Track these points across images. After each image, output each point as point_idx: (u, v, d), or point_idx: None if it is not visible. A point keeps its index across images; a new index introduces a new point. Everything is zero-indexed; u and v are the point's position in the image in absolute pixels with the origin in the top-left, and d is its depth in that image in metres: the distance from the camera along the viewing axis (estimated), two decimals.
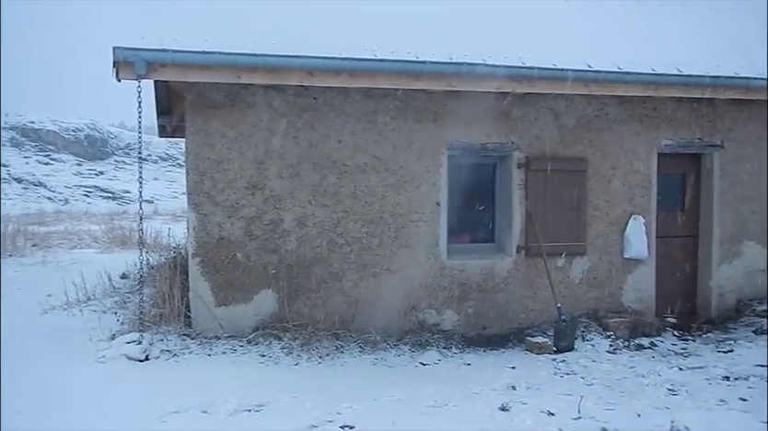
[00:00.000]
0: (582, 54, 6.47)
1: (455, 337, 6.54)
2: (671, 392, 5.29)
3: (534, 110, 6.89)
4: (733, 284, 7.65)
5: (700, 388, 5.40)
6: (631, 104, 7.13)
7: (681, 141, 7.40)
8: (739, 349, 6.54)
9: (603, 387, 5.39)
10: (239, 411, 4.50)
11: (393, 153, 6.52)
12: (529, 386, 5.34)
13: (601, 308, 7.11)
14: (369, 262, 6.49)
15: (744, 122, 7.58)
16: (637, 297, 7.30)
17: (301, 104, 6.29)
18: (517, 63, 6.17)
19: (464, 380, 5.45)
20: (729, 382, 5.56)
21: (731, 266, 7.64)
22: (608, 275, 7.20)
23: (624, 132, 7.19)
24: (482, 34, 6.50)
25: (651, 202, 7.33)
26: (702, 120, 7.43)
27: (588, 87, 6.50)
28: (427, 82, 6.13)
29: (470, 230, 7.09)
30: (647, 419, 4.60)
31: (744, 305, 7.57)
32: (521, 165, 6.87)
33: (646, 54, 6.73)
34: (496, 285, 6.84)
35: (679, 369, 5.90)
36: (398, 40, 6.08)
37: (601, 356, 6.27)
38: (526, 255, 6.91)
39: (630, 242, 7.16)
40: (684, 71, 6.65)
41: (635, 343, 6.61)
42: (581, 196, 7.03)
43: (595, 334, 6.71)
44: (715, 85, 6.77)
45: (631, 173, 7.24)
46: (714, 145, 7.50)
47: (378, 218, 6.51)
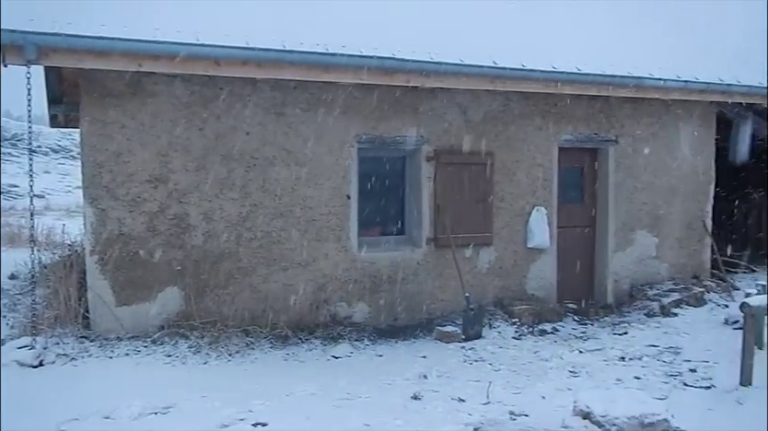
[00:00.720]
0: (488, 51, 6.64)
1: (367, 329, 6.56)
2: (573, 374, 5.56)
3: (443, 105, 7.01)
4: (627, 270, 8.14)
5: (599, 369, 5.71)
6: (534, 100, 7.41)
7: (580, 136, 7.78)
8: (633, 331, 6.97)
9: (510, 372, 5.59)
10: (145, 414, 4.29)
11: (303, 146, 6.43)
12: (439, 374, 5.44)
13: (507, 297, 7.36)
14: (279, 256, 6.38)
15: (637, 118, 8.07)
16: (540, 284, 7.62)
17: (207, 94, 6.07)
18: (425, 58, 6.24)
19: (376, 372, 5.48)
20: (625, 362, 5.91)
21: (625, 254, 8.12)
22: (513, 265, 7.47)
23: (528, 126, 7.46)
24: (393, 28, 6.52)
25: (552, 194, 7.66)
26: (598, 116, 7.85)
27: (494, 83, 6.69)
28: (337, 75, 6.08)
29: (380, 223, 7.13)
30: (552, 401, 4.81)
31: (637, 290, 8.08)
32: (430, 158, 6.98)
33: (549, 52, 7.00)
34: (407, 276, 6.92)
35: (579, 352, 6.21)
36: (309, 31, 5.98)
37: (508, 343, 6.50)
38: (435, 247, 7.03)
39: (533, 232, 7.45)
40: (583, 69, 6.98)
41: (539, 329, 6.90)
42: (488, 189, 7.24)
43: (501, 322, 6.94)
44: (610, 83, 7.15)
45: (534, 167, 7.53)
46: (609, 140, 7.93)
47: (287, 212, 6.40)
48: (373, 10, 6.74)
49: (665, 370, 5.65)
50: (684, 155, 8.42)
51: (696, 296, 7.85)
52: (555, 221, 7.69)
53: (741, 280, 9.03)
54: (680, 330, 6.98)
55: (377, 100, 6.67)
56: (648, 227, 8.24)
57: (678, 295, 7.79)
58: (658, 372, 5.60)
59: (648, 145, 8.16)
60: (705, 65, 7.93)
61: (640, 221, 8.19)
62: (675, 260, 8.44)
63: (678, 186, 8.40)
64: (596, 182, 8.14)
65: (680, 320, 7.34)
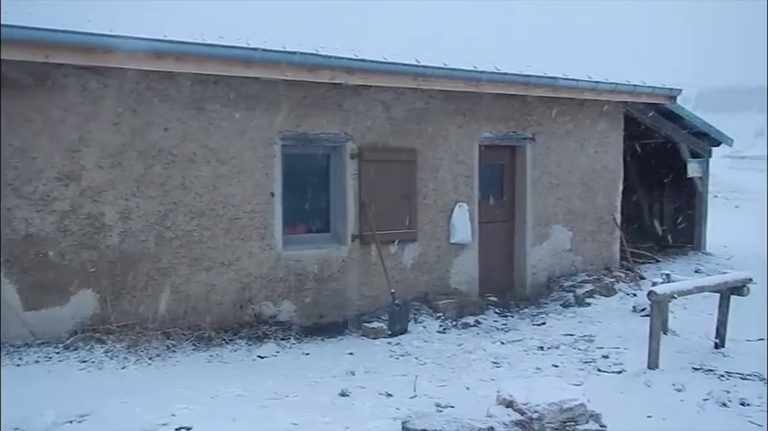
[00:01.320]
0: (412, 50, 6.72)
1: (293, 328, 6.50)
2: (495, 365, 5.73)
3: (367, 102, 7.04)
4: (544, 263, 8.48)
5: (519, 358, 5.91)
6: (456, 98, 7.57)
7: (499, 134, 8.02)
8: (551, 321, 7.27)
9: (435, 365, 5.69)
10: (59, 424, 4.05)
11: (225, 142, 6.28)
12: (367, 370, 5.47)
13: (431, 291, 7.49)
14: (201, 255, 6.21)
15: (552, 117, 8.41)
16: (463, 278, 7.80)
17: (121, 88, 5.81)
18: (349, 55, 6.25)
19: (304, 370, 5.44)
20: (543, 352, 6.16)
21: (542, 248, 8.46)
22: (437, 260, 7.61)
23: (450, 124, 7.62)
24: (317, 25, 6.49)
25: (474, 190, 7.86)
26: (516, 115, 8.12)
27: (416, 81, 6.79)
28: (260, 70, 5.98)
29: (305, 220, 7.08)
30: (476, 391, 4.94)
31: (553, 282, 8.43)
32: (354, 155, 6.99)
33: (470, 52, 7.17)
34: (333, 274, 6.91)
35: (501, 343, 6.41)
36: (231, 24, 5.85)
37: (433, 337, 6.62)
38: (361, 243, 7.05)
39: (456, 228, 7.62)
40: (501, 69, 7.20)
41: (462, 322, 7.07)
42: (412, 185, 7.33)
43: (426, 316, 7.06)
44: (526, 83, 7.42)
45: (456, 164, 7.70)
46: (527, 137, 8.23)
47: (209, 210, 6.24)
48: (298, 6, 6.67)
49: (580, 357, 5.92)
50: (595, 152, 8.86)
51: (607, 286, 8.29)
52: (477, 217, 7.89)
53: (647, 270, 9.62)
54: (594, 318, 7.35)
55: (301, 97, 6.61)
56: (563, 221, 8.61)
57: (591, 285, 8.20)
58: (574, 359, 5.86)
59: (563, 143, 8.52)
60: (614, 67, 8.37)
61: (556, 216, 8.55)
62: (588, 252, 8.87)
63: (590, 182, 8.83)
64: (515, 179, 8.42)
65: (593, 310, 7.73)
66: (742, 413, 4.60)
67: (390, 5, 7.61)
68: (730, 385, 5.10)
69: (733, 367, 5.48)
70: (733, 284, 5.98)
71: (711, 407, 4.71)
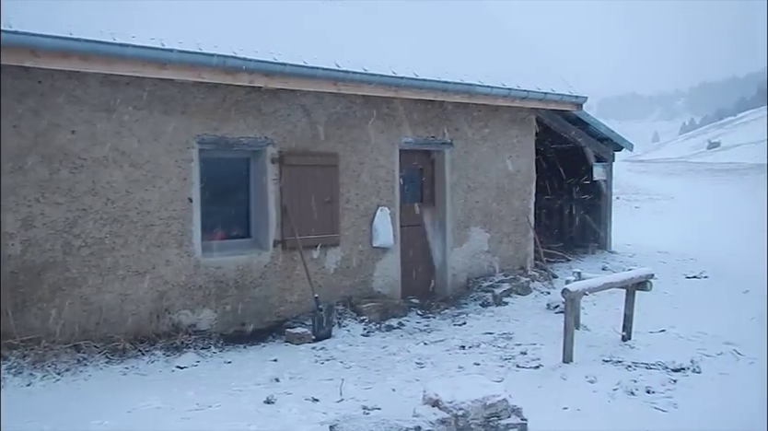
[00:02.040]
0: (332, 54, 6.73)
1: (213, 336, 6.32)
2: (419, 365, 5.82)
3: (287, 106, 6.97)
4: (464, 264, 8.69)
5: (442, 358, 6.03)
6: (376, 103, 7.64)
7: (419, 139, 8.16)
8: (471, 321, 7.46)
9: (361, 368, 5.71)
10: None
11: (139, 146, 6.04)
12: (292, 376, 5.41)
13: (355, 295, 7.50)
14: (114, 264, 5.93)
15: (469, 123, 8.64)
16: (386, 282, 7.87)
17: (22, 88, 5.46)
18: (268, 58, 6.17)
19: (226, 379, 5.31)
20: (465, 351, 6.31)
21: (461, 249, 8.67)
22: (360, 264, 7.63)
23: (371, 129, 7.67)
24: (236, 27, 6.36)
25: (395, 194, 7.95)
26: (435, 120, 8.29)
27: (337, 86, 6.80)
28: (175, 72, 5.80)
29: (225, 226, 6.91)
30: (402, 392, 5.00)
31: (473, 282, 8.66)
32: (275, 160, 6.91)
33: (389, 58, 7.26)
34: (254, 280, 6.78)
35: (424, 344, 6.52)
36: (144, 25, 5.63)
37: (357, 340, 6.63)
38: (283, 249, 6.97)
39: (378, 232, 7.68)
40: (420, 75, 7.33)
41: (386, 325, 7.13)
42: (334, 190, 7.32)
43: (350, 320, 7.06)
44: (444, 89, 7.60)
45: (377, 168, 7.76)
46: (445, 142, 8.41)
47: (122, 216, 5.97)
48: (217, 8, 6.53)
49: (500, 355, 6.12)
50: (510, 157, 9.18)
51: (523, 285, 8.61)
52: (398, 220, 7.98)
53: (559, 269, 10.07)
54: (511, 317, 7.61)
55: (219, 100, 6.46)
56: (481, 223, 8.87)
57: (508, 285, 8.48)
58: (495, 357, 6.05)
59: (479, 148, 8.78)
60: (526, 75, 8.72)
61: (474, 218, 8.78)
62: (505, 253, 9.17)
63: (505, 185, 9.14)
64: (434, 183, 8.58)
65: (510, 308, 8.00)
66: (648, 400, 4.91)
67: (315, 9, 7.58)
68: (637, 374, 5.43)
69: (639, 358, 5.84)
70: (638, 280, 6.37)
71: (620, 396, 4.99)
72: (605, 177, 12.18)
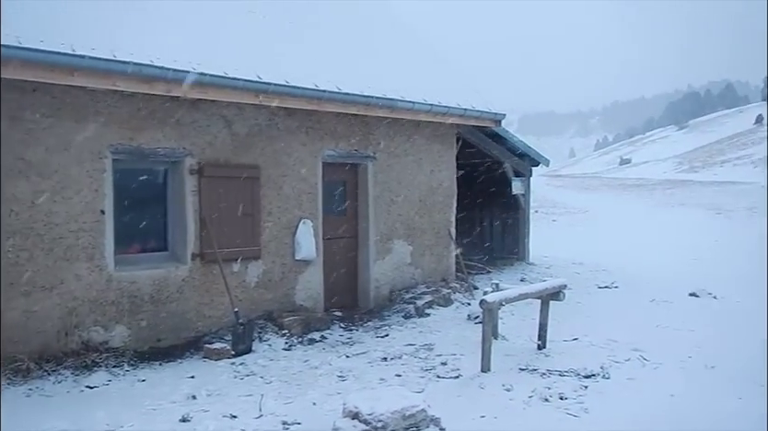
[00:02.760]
0: (254, 66, 6.66)
1: (127, 354, 6.07)
2: (341, 378, 5.80)
3: (207, 117, 6.84)
4: (386, 277, 8.76)
5: (364, 371, 6.04)
6: (299, 116, 7.61)
7: (342, 152, 8.19)
8: (393, 333, 7.52)
9: (281, 383, 5.64)
10: None
11: (46, 155, 5.76)
12: (209, 393, 5.27)
13: (276, 309, 7.41)
14: (17, 279, 5.60)
15: (392, 137, 8.76)
16: (308, 295, 7.82)
17: None
18: (187, 67, 6.05)
19: (140, 398, 5.11)
20: (387, 362, 6.35)
21: (384, 262, 8.74)
22: (281, 277, 7.55)
23: (293, 141, 7.64)
24: (155, 35, 6.18)
25: (318, 207, 7.93)
26: (358, 133, 8.35)
27: (258, 98, 6.73)
28: (87, 79, 5.57)
29: (141, 239, 6.68)
30: (322, 406, 4.97)
31: (395, 294, 8.74)
32: (194, 171, 6.75)
33: (312, 71, 7.27)
34: (171, 294, 6.58)
35: (346, 357, 6.51)
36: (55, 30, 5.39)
37: (278, 354, 6.55)
38: (201, 262, 6.80)
39: (300, 245, 7.63)
40: (343, 89, 7.38)
41: (308, 338, 7.07)
42: (255, 202, 7.23)
43: (272, 334, 6.97)
44: (367, 103, 7.68)
45: (300, 180, 7.73)
46: (368, 156, 8.49)
47: (27, 229, 5.66)
48: (136, 16, 6.33)
49: (421, 366, 6.19)
50: (432, 171, 9.37)
51: (445, 296, 8.76)
52: (321, 233, 7.97)
53: (480, 280, 10.32)
54: (433, 328, 7.72)
55: (135, 109, 6.26)
56: (404, 236, 8.98)
57: (430, 296, 8.61)
58: (416, 368, 6.12)
59: (402, 162, 8.91)
60: (448, 92, 8.94)
61: (397, 231, 8.89)
62: (426, 265, 9.32)
63: (427, 199, 9.31)
64: (358, 196, 8.63)
65: (432, 320, 8.13)
66: (561, 406, 5.09)
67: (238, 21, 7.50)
68: (551, 382, 5.63)
69: (553, 366, 6.06)
70: (551, 290, 6.62)
71: (535, 403, 5.15)
72: (523, 191, 12.62)
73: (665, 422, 4.77)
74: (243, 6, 7.80)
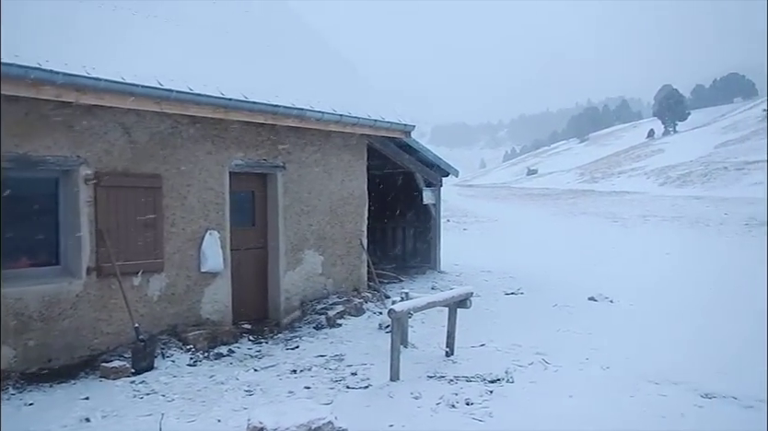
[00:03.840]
0: (155, 72, 6.42)
1: (12, 376, 5.64)
2: (248, 393, 5.66)
3: (104, 124, 6.51)
4: (297, 288, 8.64)
5: (272, 384, 5.92)
6: (204, 124, 7.39)
7: (250, 161, 8.03)
8: (304, 344, 7.42)
9: (185, 400, 5.42)
10: None
11: None
12: (105, 414, 4.99)
13: (181, 323, 7.13)
14: None
15: (302, 146, 8.68)
16: (215, 308, 7.58)
17: None
18: (80, 71, 5.73)
19: (27, 423, 4.77)
20: (296, 375, 6.25)
21: (295, 272, 8.62)
22: (186, 290, 7.28)
23: (198, 150, 7.41)
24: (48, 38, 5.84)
25: (225, 217, 7.72)
26: (267, 143, 8.21)
27: (160, 105, 6.49)
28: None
29: (28, 253, 6.23)
30: (227, 422, 4.83)
31: (307, 305, 8.64)
32: (90, 181, 6.39)
33: (218, 79, 7.09)
34: (64, 311, 6.18)
35: (254, 371, 6.36)
36: None
37: (182, 371, 6.30)
38: (98, 276, 6.44)
39: (206, 256, 7.39)
40: (250, 98, 7.24)
41: (215, 353, 6.85)
42: (157, 213, 6.94)
43: (175, 350, 6.70)
44: (275, 113, 7.57)
45: (205, 190, 7.50)
46: (277, 165, 8.36)
47: None
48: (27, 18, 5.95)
49: (331, 377, 6.14)
50: (342, 181, 9.36)
51: (356, 306, 8.75)
52: (229, 244, 7.75)
53: (392, 289, 10.39)
54: (344, 338, 7.69)
55: (22, 114, 5.86)
56: (315, 246, 8.90)
57: (341, 307, 8.57)
58: (325, 379, 6.06)
59: (312, 172, 8.85)
60: (359, 103, 8.99)
61: (307, 241, 8.80)
62: (338, 275, 9.28)
63: (338, 209, 9.29)
64: (267, 206, 8.48)
65: (343, 330, 8.09)
66: (467, 411, 5.19)
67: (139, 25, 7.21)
68: (458, 388, 5.73)
69: (460, 372, 6.18)
70: (459, 298, 6.76)
71: (443, 409, 5.23)
72: (434, 201, 12.86)
73: (564, 422, 4.96)
74: (145, 10, 7.53)
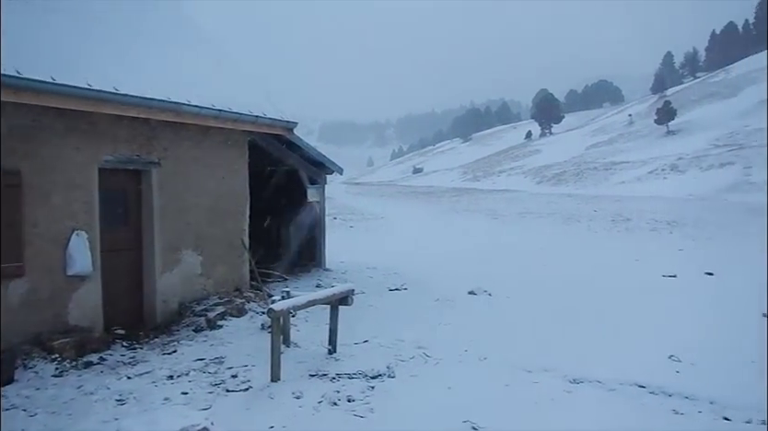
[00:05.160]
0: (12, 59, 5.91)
1: None
2: (120, 403, 5.38)
3: None
4: (175, 289, 8.31)
5: (147, 392, 5.66)
6: (72, 118, 6.90)
7: (122, 157, 7.61)
8: (182, 348, 7.15)
9: (48, 414, 5.08)
10: None
11: None
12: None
13: (46, 331, 6.63)
14: None
15: (179, 142, 8.35)
16: (84, 313, 7.11)
17: None
18: None
19: None
20: (173, 380, 6.02)
21: (173, 274, 8.28)
22: (51, 295, 6.78)
23: (65, 145, 6.92)
24: None
25: (94, 217, 7.26)
26: (141, 138, 7.82)
27: (18, 95, 5.99)
28: None
29: None
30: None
31: (185, 307, 8.33)
32: None
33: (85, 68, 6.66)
34: None
35: (127, 378, 6.05)
36: None
37: (46, 382, 5.87)
38: None
39: (73, 259, 6.92)
40: (121, 90, 6.86)
41: (84, 362, 6.44)
42: (15, 213, 6.40)
43: (39, 360, 6.22)
44: (149, 106, 7.22)
45: (72, 188, 7.01)
46: (152, 162, 7.99)
47: None
48: None
49: (210, 381, 5.98)
50: (223, 178, 9.11)
51: (238, 307, 8.57)
52: (99, 245, 7.31)
53: (276, 288, 10.27)
54: (225, 340, 7.50)
55: None
56: (194, 246, 8.60)
57: (222, 308, 8.35)
58: (204, 383, 5.89)
59: (191, 168, 8.54)
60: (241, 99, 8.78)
61: (186, 241, 8.48)
62: (219, 275, 9.03)
63: (219, 207, 9.03)
64: (141, 204, 8.08)
65: (224, 331, 7.89)
66: (349, 408, 5.27)
67: None
68: (340, 385, 5.79)
69: (343, 370, 6.24)
70: (340, 295, 6.81)
71: (324, 408, 5.26)
72: (318, 198, 12.85)
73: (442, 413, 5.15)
74: None
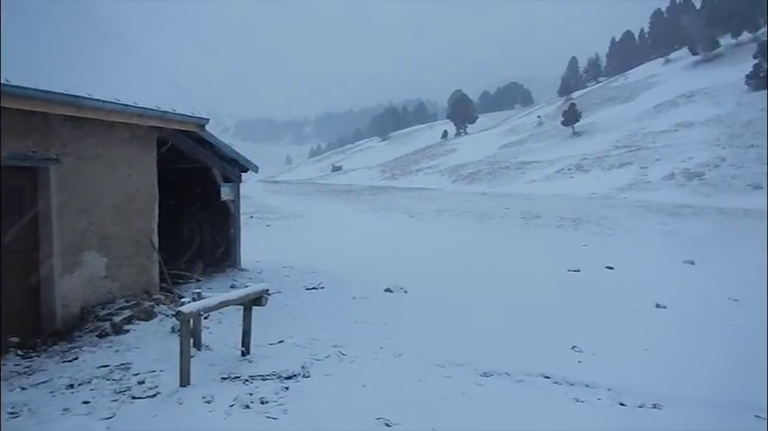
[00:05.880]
0: None
1: None
2: (12, 415, 5.06)
3: None
4: (77, 293, 7.84)
5: (44, 403, 5.33)
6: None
7: (16, 153, 7.09)
8: (84, 355, 6.77)
9: None
10: None
11: None
12: None
13: None
14: None
15: (80, 138, 7.87)
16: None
17: None
18: None
19: None
20: (73, 389, 5.70)
21: (73, 276, 7.81)
22: None
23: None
24: None
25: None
26: (37, 133, 7.32)
27: None
28: None
29: None
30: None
31: (88, 312, 7.87)
32: None
33: None
34: None
35: (21, 389, 5.68)
36: None
37: None
38: None
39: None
40: (12, 81, 6.39)
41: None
42: None
43: None
44: (45, 99, 6.77)
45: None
46: (50, 158, 7.49)
47: None
48: None
49: (114, 388, 5.69)
50: (129, 176, 8.68)
51: (146, 310, 8.20)
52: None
53: (188, 290, 9.92)
54: (132, 345, 7.16)
55: None
56: (97, 247, 8.15)
57: (129, 311, 7.96)
58: (108, 391, 5.60)
59: (93, 165, 8.08)
60: (149, 94, 8.39)
61: (88, 242, 8.02)
62: (126, 277, 8.60)
63: (124, 206, 8.60)
64: (38, 203, 7.56)
65: (132, 336, 7.53)
66: (262, 410, 5.16)
67: None
68: (253, 387, 5.66)
69: (256, 371, 6.11)
70: (253, 296, 6.66)
71: (236, 411, 5.13)
72: (233, 197, 12.54)
73: (357, 411, 5.14)
74: None
